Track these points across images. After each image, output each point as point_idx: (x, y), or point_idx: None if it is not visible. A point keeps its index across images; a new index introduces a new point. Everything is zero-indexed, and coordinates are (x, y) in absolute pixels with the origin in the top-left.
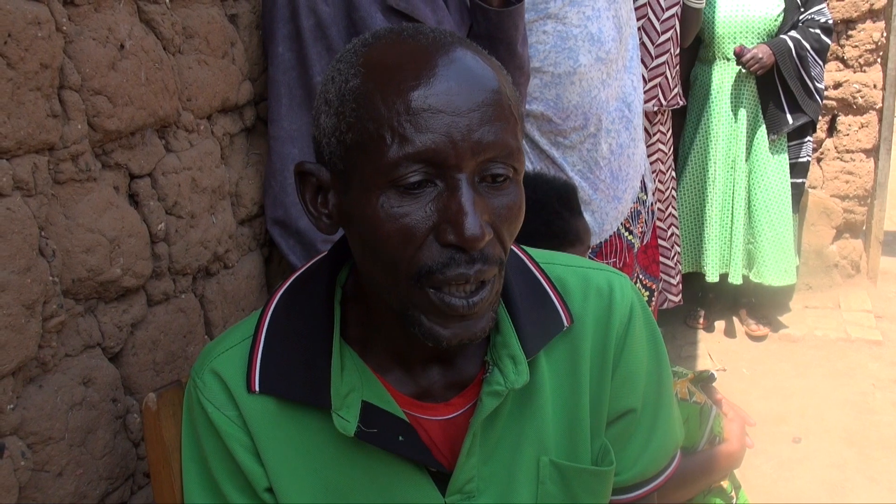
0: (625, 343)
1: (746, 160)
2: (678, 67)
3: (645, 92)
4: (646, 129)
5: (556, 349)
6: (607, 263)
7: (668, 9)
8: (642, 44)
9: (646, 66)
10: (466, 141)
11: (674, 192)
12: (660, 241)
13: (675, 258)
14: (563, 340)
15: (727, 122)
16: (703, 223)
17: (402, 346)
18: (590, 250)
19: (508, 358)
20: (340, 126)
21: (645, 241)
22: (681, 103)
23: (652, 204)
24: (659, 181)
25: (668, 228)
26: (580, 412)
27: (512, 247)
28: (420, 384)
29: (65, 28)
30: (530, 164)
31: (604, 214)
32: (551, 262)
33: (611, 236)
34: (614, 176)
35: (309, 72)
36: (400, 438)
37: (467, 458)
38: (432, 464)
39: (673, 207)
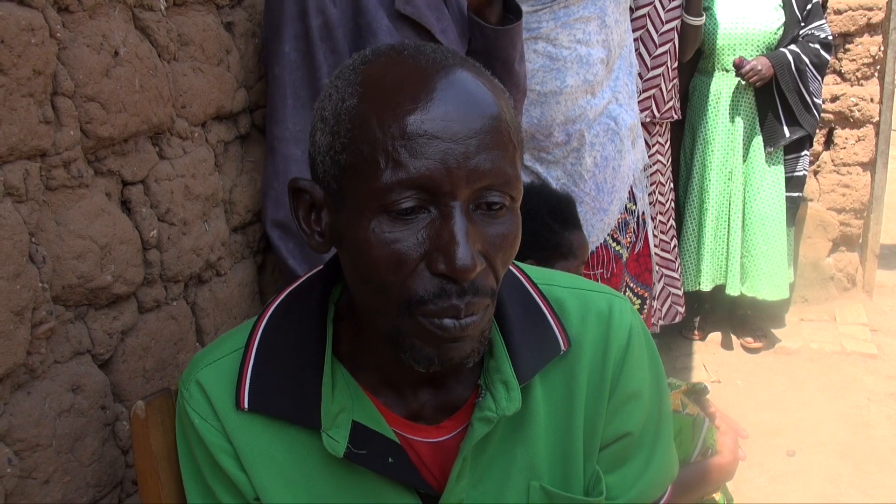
0: (623, 367)
1: (742, 171)
2: (675, 81)
3: (639, 102)
4: (644, 141)
5: (553, 373)
6: (594, 274)
7: (667, 22)
8: (639, 54)
9: (641, 77)
10: (462, 168)
11: (673, 204)
12: (664, 255)
13: (679, 269)
14: (560, 364)
15: (724, 133)
16: (700, 234)
17: (392, 367)
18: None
19: (501, 383)
20: (335, 145)
21: (636, 251)
22: (675, 117)
23: (643, 213)
24: (659, 193)
25: (671, 240)
26: (574, 438)
27: (510, 267)
28: (411, 406)
29: (59, 35)
30: None
31: (589, 227)
32: (550, 284)
33: (597, 247)
34: (599, 188)
35: (316, 73)
36: (390, 460)
37: (457, 481)
38: (422, 486)
39: (672, 219)
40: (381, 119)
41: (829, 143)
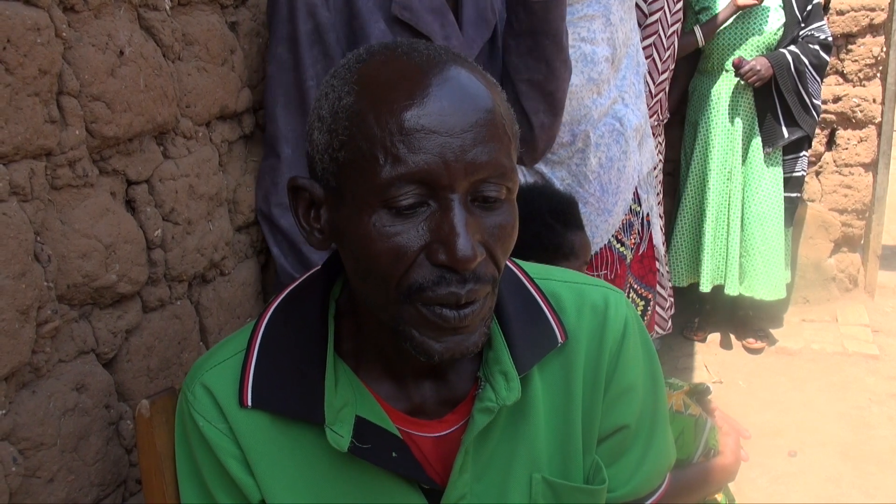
0: (618, 360)
1: (741, 172)
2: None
3: (650, 107)
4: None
5: (550, 365)
6: (598, 275)
7: (672, 25)
8: (652, 60)
9: (654, 81)
10: (460, 161)
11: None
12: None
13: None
14: (557, 356)
15: (724, 133)
16: (699, 233)
17: (394, 361)
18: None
19: (500, 374)
20: (333, 143)
21: (641, 252)
22: (667, 115)
23: (647, 214)
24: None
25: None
26: (572, 429)
27: (506, 262)
28: (413, 400)
29: (64, 34)
30: (522, 177)
31: (594, 228)
32: (546, 278)
33: (601, 249)
34: (604, 189)
35: (302, 75)
36: (393, 454)
37: (460, 474)
38: (425, 480)
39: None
40: (379, 115)
41: (830, 143)
